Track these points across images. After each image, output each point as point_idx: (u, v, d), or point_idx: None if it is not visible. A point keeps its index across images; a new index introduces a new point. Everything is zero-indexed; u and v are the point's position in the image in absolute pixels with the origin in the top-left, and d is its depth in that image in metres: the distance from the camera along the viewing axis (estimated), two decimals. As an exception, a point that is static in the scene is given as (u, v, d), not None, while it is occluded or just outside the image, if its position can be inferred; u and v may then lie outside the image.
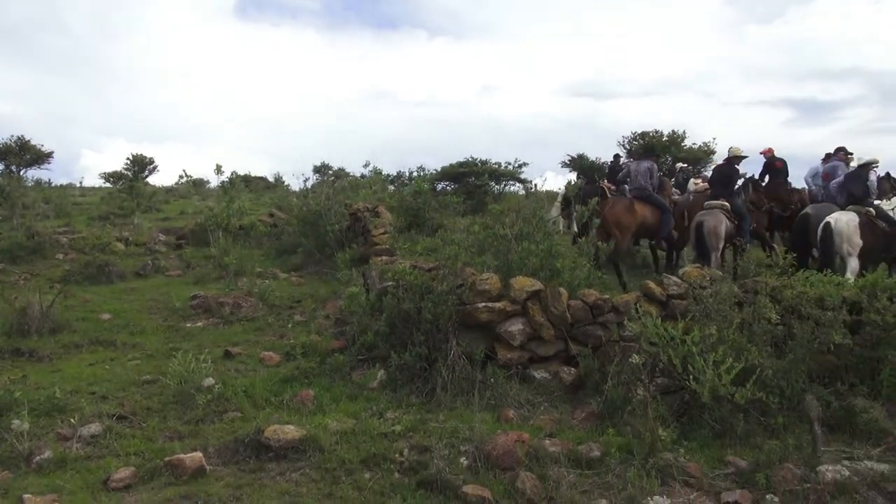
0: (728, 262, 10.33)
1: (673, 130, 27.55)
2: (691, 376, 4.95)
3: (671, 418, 5.05)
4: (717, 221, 9.87)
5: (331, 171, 27.24)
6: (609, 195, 14.16)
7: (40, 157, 31.07)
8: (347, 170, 26.29)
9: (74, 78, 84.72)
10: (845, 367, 5.61)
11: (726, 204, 10.22)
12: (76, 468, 4.44)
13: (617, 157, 17.21)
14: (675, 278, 6.49)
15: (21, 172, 29.11)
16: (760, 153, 12.86)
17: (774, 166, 12.41)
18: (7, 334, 7.55)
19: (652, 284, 6.40)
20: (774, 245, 11.37)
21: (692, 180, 12.91)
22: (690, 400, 5.15)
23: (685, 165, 21.68)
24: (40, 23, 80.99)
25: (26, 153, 30.79)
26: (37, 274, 11.33)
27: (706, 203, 10.38)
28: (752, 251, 10.90)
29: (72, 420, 5.11)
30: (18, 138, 30.45)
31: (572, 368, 6.05)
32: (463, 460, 4.55)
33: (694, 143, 26.95)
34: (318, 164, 27.95)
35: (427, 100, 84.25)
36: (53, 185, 27.26)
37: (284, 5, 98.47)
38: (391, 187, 21.37)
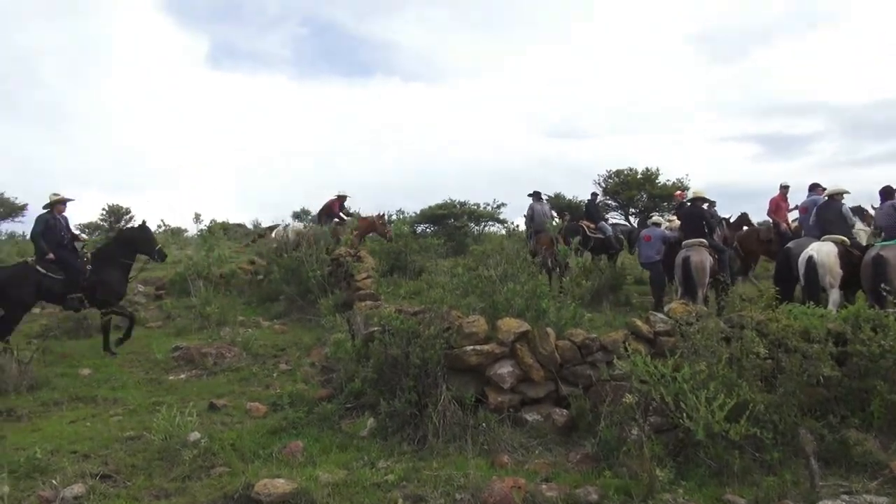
0: (710, 298, 10.46)
1: (647, 168, 28.12)
2: (685, 414, 4.94)
3: (667, 458, 5.01)
4: (703, 257, 10.02)
5: (310, 217, 27.24)
6: (589, 234, 14.33)
7: (14, 210, 30.72)
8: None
9: (48, 130, 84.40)
10: (836, 399, 5.63)
11: (704, 241, 10.40)
12: (58, 533, 4.27)
13: (594, 195, 17.43)
14: (661, 315, 6.52)
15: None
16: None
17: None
18: (-17, 393, 7.34)
19: (639, 322, 6.42)
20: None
21: (656, 217, 13.15)
22: (685, 438, 5.11)
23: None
24: (11, 77, 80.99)
25: (0, 207, 30.46)
26: (14, 329, 11.06)
27: (685, 242, 10.56)
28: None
29: (53, 481, 4.92)
30: (-8, 191, 30.14)
31: (564, 410, 6.01)
32: (459, 509, 4.46)
33: (668, 180, 27.48)
34: (297, 209, 27.93)
35: (402, 143, 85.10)
36: (27, 238, 26.89)
37: (257, 55, 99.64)
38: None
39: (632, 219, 27.58)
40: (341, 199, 16.61)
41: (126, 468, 5.30)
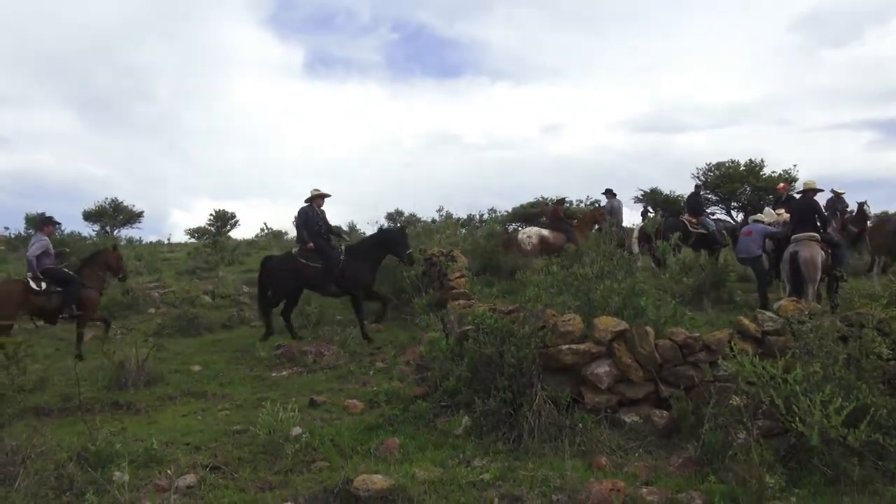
0: (822, 295, 9.83)
1: (750, 159, 26.69)
2: (797, 418, 4.64)
3: (777, 463, 4.71)
4: (813, 252, 9.42)
5: (403, 217, 27.71)
6: (690, 229, 13.80)
7: (132, 217, 33.06)
8: (419, 215, 26.70)
9: (161, 142, 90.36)
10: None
11: (815, 234, 9.78)
12: (173, 519, 4.52)
13: (698, 187, 16.72)
14: (769, 314, 6.17)
15: (115, 232, 31.01)
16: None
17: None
18: (107, 387, 7.91)
19: (746, 320, 6.10)
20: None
21: (767, 209, 12.42)
22: (797, 443, 4.82)
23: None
24: (130, 93, 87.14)
25: (119, 214, 32.85)
26: (132, 328, 11.90)
27: (794, 236, 9.95)
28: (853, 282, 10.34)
29: (168, 471, 5.22)
30: (112, 200, 32.58)
31: (664, 411, 5.79)
32: (556, 510, 4.38)
33: (773, 172, 26.00)
34: (391, 210, 28.49)
35: (493, 142, 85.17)
36: (144, 242, 28.82)
37: (351, 61, 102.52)
38: (462, 230, 21.48)
39: (734, 213, 26.26)
40: (560, 202, 16.82)
41: (233, 460, 5.55)
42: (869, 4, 78.16)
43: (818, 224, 9.93)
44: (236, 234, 32.78)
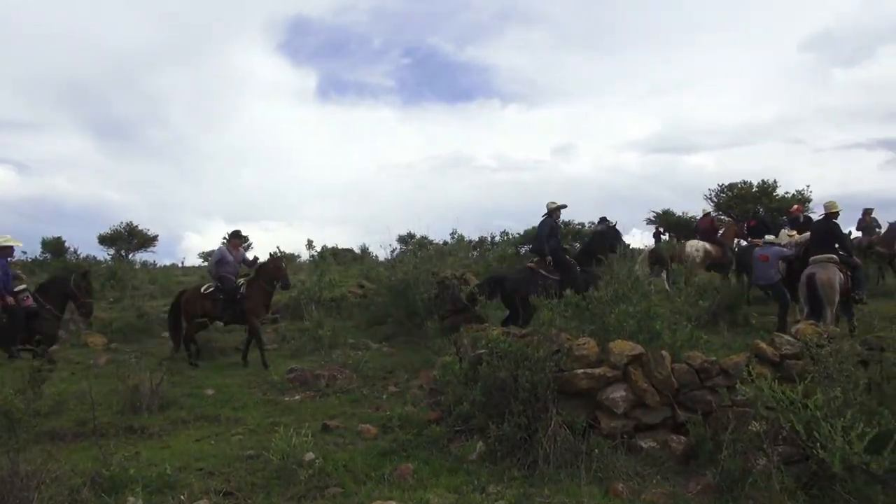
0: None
1: (762, 180, 26.58)
2: (818, 444, 4.56)
3: (799, 490, 4.64)
4: (831, 274, 9.33)
5: (414, 240, 27.71)
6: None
7: (146, 241, 33.37)
8: (430, 237, 26.68)
9: (175, 166, 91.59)
10: None
11: (833, 256, 9.70)
12: (187, 546, 4.49)
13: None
14: (787, 337, 6.10)
15: (129, 256, 31.29)
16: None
17: None
18: (121, 412, 7.90)
19: (763, 344, 6.03)
20: None
21: (769, 237, 12.32)
22: (818, 470, 4.73)
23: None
24: (144, 119, 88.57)
25: (134, 238, 33.15)
26: (146, 352, 11.91)
27: (812, 258, 9.88)
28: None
29: (182, 497, 5.21)
30: (127, 224, 32.89)
31: (682, 437, 5.71)
32: (573, 538, 4.31)
33: (787, 192, 25.87)
34: (403, 233, 28.46)
35: (504, 164, 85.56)
36: (158, 265, 29.03)
37: (363, 86, 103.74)
38: (474, 253, 21.46)
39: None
40: (708, 215, 16.82)
41: (247, 486, 5.52)
42: (881, 24, 78.27)
43: (835, 247, 9.86)
44: (249, 256, 32.91)
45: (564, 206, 11.48)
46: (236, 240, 11.92)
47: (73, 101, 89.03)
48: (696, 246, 14.73)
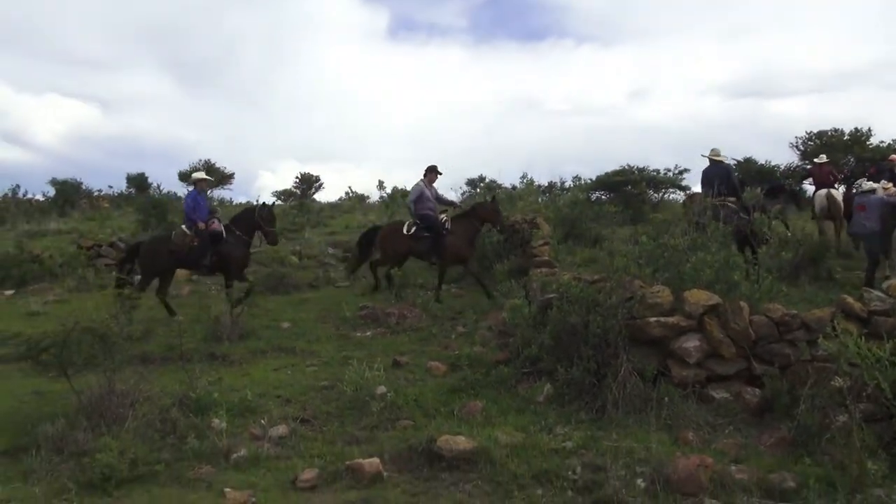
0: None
1: (855, 128, 24.77)
2: (905, 403, 4.38)
3: (880, 449, 4.49)
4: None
5: (484, 183, 27.52)
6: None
7: (224, 179, 34.29)
8: (499, 181, 26.43)
9: (250, 107, 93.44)
10: None
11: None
12: (267, 466, 4.75)
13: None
14: (877, 293, 5.81)
15: (208, 193, 32.32)
16: None
17: None
18: (204, 339, 8.34)
19: (850, 300, 5.77)
20: None
21: (868, 183, 11.47)
22: (903, 430, 4.56)
23: None
24: (220, 60, 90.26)
25: (212, 175, 34.16)
26: (223, 285, 12.40)
27: None
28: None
29: (262, 421, 5.51)
30: (206, 162, 33.84)
31: (756, 389, 5.60)
32: (640, 482, 4.33)
33: (881, 142, 24.17)
34: (472, 177, 28.31)
35: (576, 108, 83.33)
36: (234, 203, 29.92)
37: (434, 26, 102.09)
38: (544, 198, 21.16)
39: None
40: (829, 163, 16.21)
41: (322, 414, 5.78)
42: None
43: None
44: (321, 196, 33.64)
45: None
46: (433, 174, 11.27)
47: (154, 42, 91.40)
48: (835, 194, 13.90)
